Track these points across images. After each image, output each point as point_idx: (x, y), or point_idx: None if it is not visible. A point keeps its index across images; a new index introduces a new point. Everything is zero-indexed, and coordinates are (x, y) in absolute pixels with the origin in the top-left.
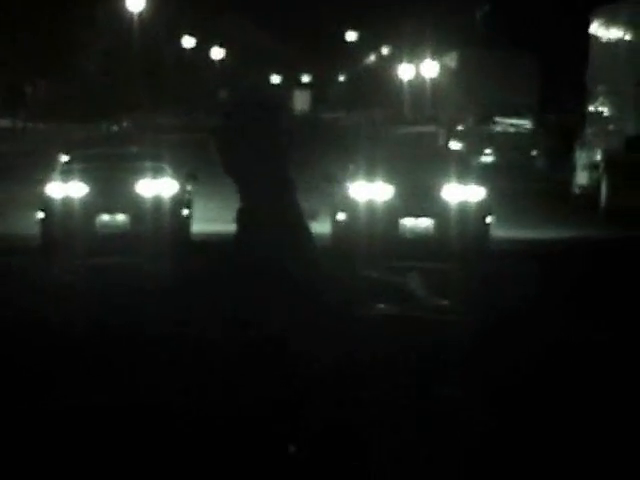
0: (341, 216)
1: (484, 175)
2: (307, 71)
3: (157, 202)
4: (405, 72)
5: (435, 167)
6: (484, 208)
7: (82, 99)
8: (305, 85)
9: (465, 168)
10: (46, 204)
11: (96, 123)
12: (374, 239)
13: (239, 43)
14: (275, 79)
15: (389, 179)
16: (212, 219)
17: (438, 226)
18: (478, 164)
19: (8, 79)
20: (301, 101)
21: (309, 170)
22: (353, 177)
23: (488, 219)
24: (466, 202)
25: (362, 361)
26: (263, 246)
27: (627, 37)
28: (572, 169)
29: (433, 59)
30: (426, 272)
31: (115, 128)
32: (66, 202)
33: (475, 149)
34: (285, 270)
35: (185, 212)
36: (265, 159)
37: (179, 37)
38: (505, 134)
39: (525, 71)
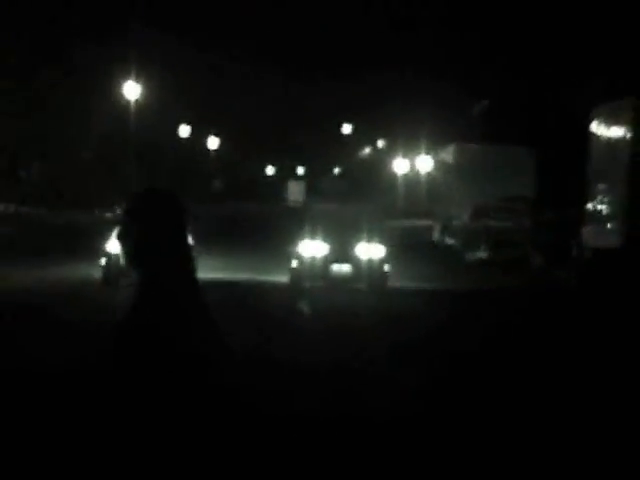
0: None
1: (477, 271)
2: (302, 163)
3: None
4: (400, 165)
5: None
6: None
7: (75, 185)
8: (299, 177)
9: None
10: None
11: (88, 209)
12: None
13: (235, 133)
14: (269, 170)
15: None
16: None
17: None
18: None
19: (3, 163)
20: (295, 192)
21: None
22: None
23: (386, 268)
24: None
25: None
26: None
27: (627, 135)
28: (569, 266)
29: (428, 153)
30: None
31: (109, 215)
32: None
33: (470, 244)
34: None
35: None
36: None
37: (176, 125)
38: (500, 230)
39: (522, 166)
